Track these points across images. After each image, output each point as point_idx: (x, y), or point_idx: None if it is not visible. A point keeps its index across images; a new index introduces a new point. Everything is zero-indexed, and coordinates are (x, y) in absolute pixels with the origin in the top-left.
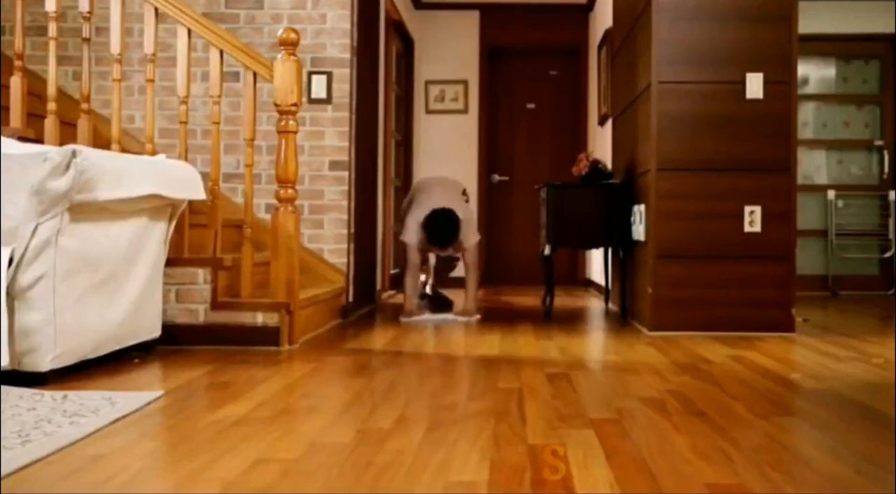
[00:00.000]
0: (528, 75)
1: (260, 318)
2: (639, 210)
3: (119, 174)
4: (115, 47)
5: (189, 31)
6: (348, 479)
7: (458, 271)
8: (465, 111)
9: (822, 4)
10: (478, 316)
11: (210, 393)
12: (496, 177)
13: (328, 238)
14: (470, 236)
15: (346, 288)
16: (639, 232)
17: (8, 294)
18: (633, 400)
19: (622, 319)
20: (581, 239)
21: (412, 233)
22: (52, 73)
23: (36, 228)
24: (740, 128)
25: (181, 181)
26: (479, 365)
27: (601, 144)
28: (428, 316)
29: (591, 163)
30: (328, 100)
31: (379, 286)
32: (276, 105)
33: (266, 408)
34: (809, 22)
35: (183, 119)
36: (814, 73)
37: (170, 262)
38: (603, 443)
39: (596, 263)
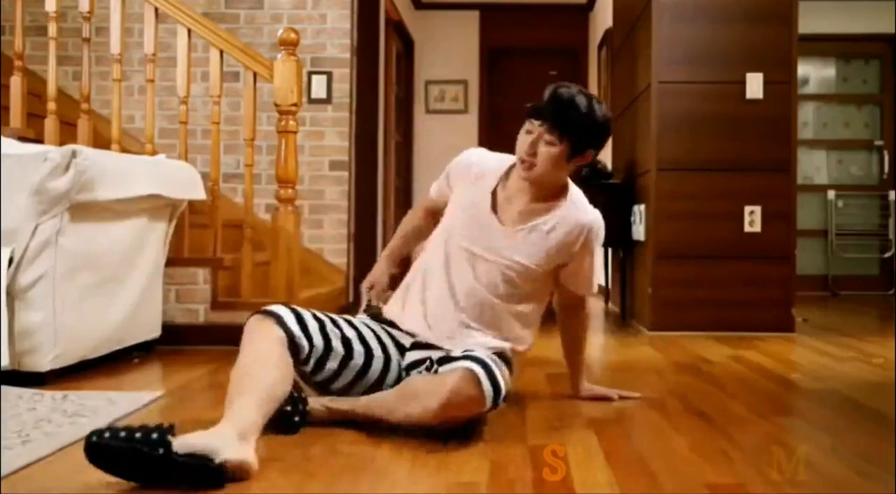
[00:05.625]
0: (528, 75)
1: None
2: (639, 210)
3: (119, 174)
4: (115, 47)
5: (189, 31)
6: (348, 479)
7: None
8: (465, 111)
9: (822, 4)
10: None
11: (210, 393)
12: None
13: (328, 238)
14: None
15: (346, 288)
16: (639, 232)
17: (8, 294)
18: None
19: (622, 319)
20: None
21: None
22: (52, 73)
23: (36, 228)
24: (740, 128)
25: (181, 181)
26: None
27: None
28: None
29: (591, 163)
30: (328, 100)
31: None
32: (276, 105)
33: None
34: (809, 22)
35: (183, 119)
36: (814, 73)
37: (170, 262)
38: (603, 443)
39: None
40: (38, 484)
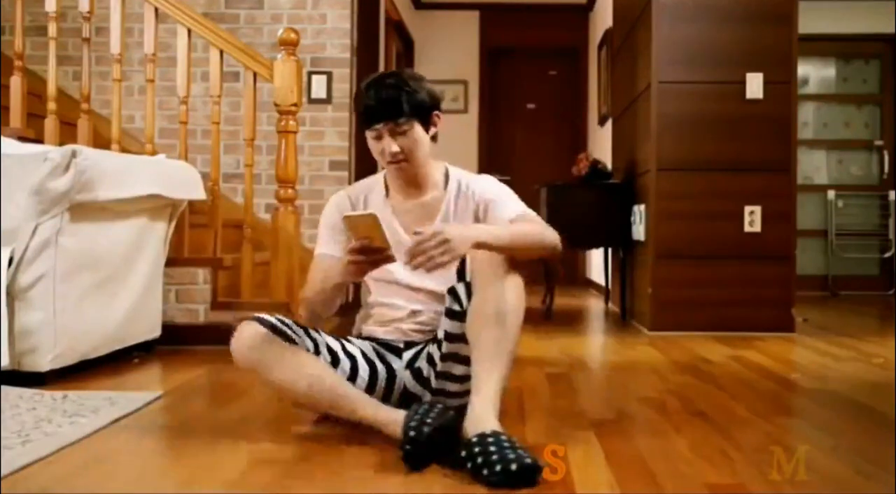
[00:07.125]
0: (528, 75)
1: None
2: (639, 210)
3: (119, 174)
4: (115, 47)
5: (189, 31)
6: (349, 479)
7: None
8: (465, 111)
9: (822, 4)
10: None
11: (210, 393)
12: (496, 178)
13: None
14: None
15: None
16: (639, 232)
17: (8, 294)
18: (633, 400)
19: (622, 319)
20: (581, 239)
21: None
22: (52, 73)
23: (36, 228)
24: (740, 128)
25: (181, 181)
26: None
27: (601, 144)
28: None
29: (591, 163)
30: (328, 100)
31: None
32: (276, 105)
33: (266, 408)
34: (809, 22)
35: (183, 119)
36: (814, 73)
37: (170, 262)
38: (603, 443)
39: (596, 263)
40: (38, 484)
